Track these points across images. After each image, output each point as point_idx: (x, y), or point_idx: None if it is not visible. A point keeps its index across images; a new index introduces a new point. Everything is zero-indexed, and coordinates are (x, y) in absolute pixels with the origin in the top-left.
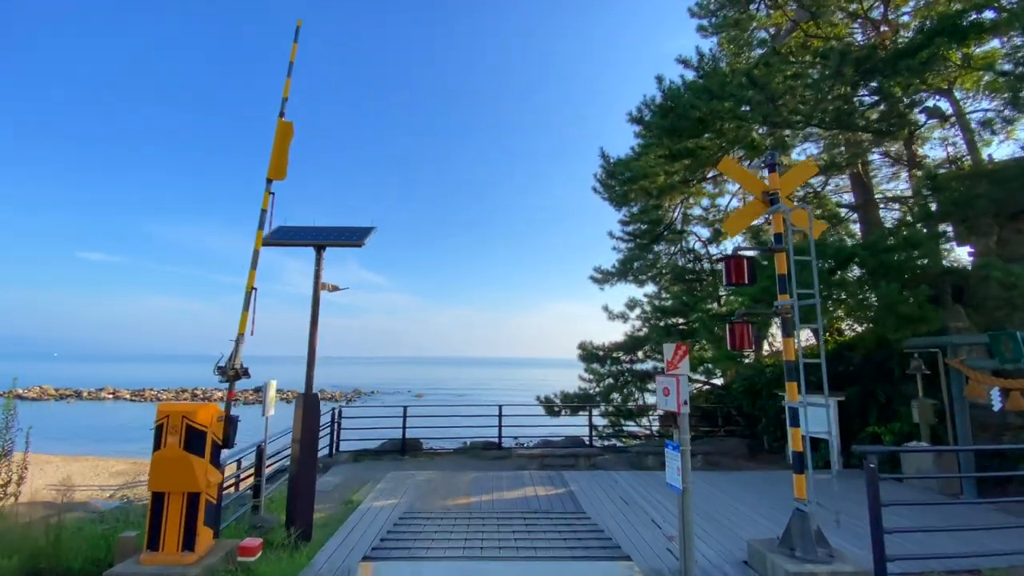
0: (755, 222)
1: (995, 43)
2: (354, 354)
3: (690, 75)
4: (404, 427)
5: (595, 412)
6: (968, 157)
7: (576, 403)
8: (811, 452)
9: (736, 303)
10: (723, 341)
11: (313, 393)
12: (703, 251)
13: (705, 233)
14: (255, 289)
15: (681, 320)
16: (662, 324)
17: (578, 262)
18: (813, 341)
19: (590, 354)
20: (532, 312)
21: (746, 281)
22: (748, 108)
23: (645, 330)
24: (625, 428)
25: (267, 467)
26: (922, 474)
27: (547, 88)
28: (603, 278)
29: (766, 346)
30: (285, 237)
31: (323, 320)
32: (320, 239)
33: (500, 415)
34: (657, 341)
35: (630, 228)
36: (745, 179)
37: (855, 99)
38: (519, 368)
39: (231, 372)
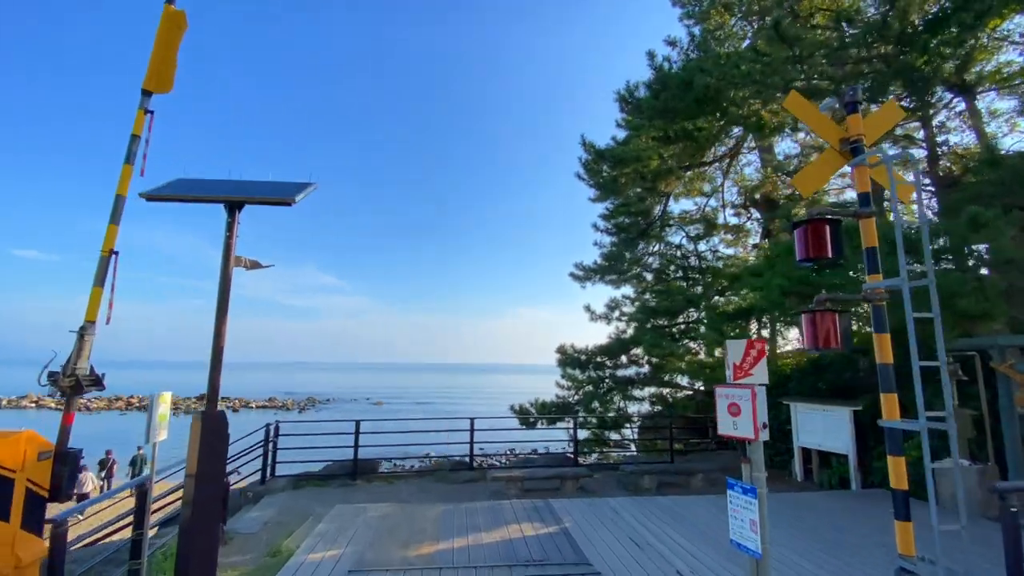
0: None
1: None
2: (311, 359)
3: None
4: (356, 445)
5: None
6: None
7: (554, 413)
8: (820, 468)
9: (753, 298)
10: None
11: (218, 411)
12: (691, 248)
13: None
14: (115, 254)
15: (680, 320)
16: (650, 325)
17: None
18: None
19: (570, 358)
20: (503, 317)
21: (829, 254)
22: (765, 72)
23: (630, 331)
24: (609, 439)
25: (155, 511)
26: (957, 498)
27: (526, 88)
28: (585, 275)
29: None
30: (185, 191)
31: (276, 323)
32: (234, 194)
33: (472, 429)
34: (650, 344)
35: (615, 221)
36: (817, 122)
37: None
38: (490, 374)
39: (67, 381)
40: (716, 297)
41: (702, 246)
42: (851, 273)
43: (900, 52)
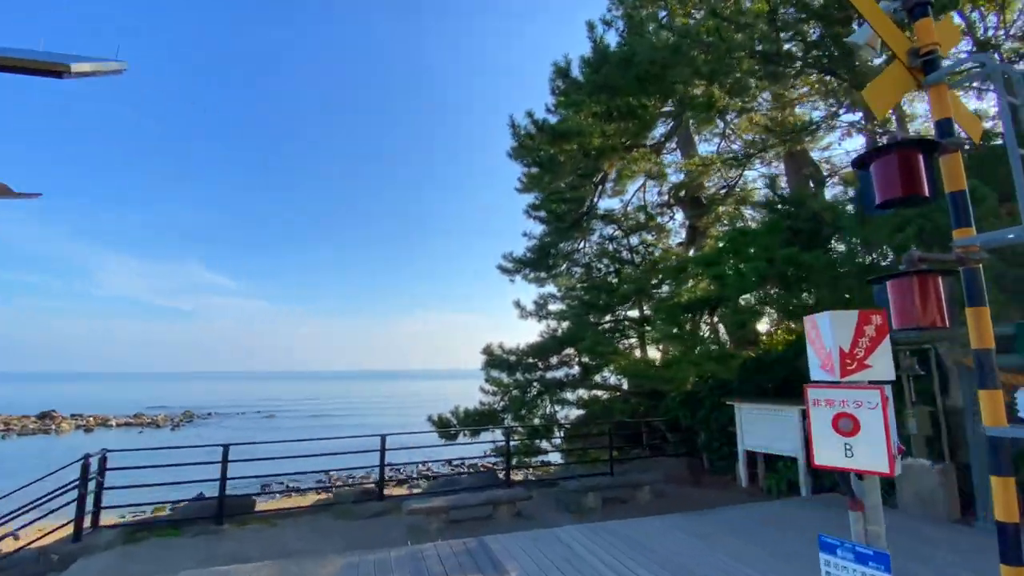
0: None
1: None
2: (195, 369)
3: (613, 37)
4: (224, 476)
5: (501, 432)
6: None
7: (478, 423)
8: (766, 472)
9: (706, 288)
10: (690, 336)
11: None
12: (625, 241)
13: (634, 218)
14: None
15: (615, 316)
16: (591, 319)
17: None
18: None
19: (498, 360)
20: (416, 320)
21: (924, 192)
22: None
23: (563, 329)
24: (541, 448)
25: None
26: (922, 497)
27: (451, 79)
28: (515, 267)
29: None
30: None
31: (154, 327)
32: None
33: (383, 449)
34: (592, 342)
35: (548, 208)
36: (882, 23)
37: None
38: (403, 381)
39: None
40: (663, 288)
41: (634, 239)
42: (855, 244)
43: None
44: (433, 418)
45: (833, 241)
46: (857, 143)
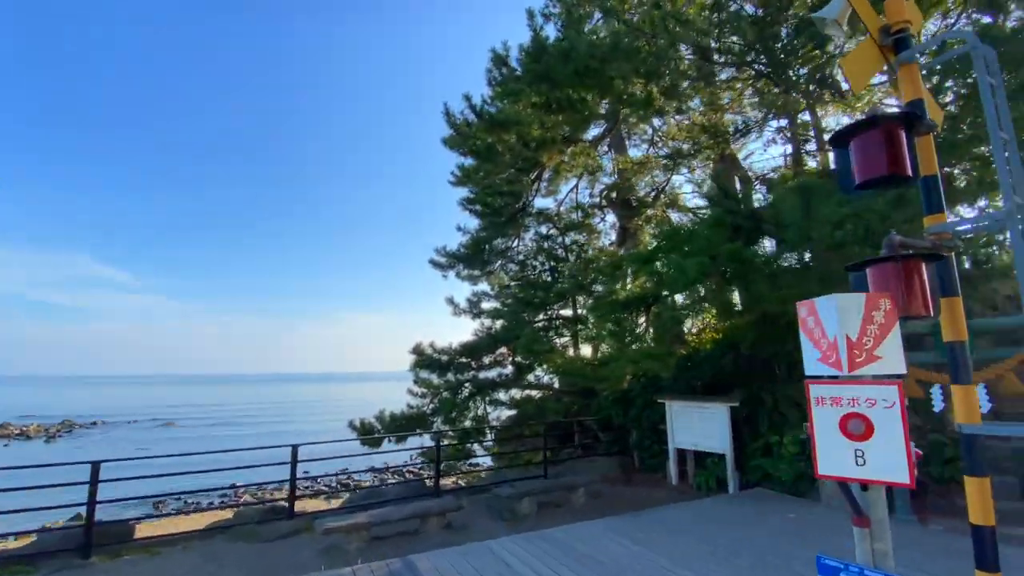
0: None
1: None
2: (78, 371)
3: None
4: (92, 499)
5: (430, 436)
6: None
7: (406, 428)
8: (696, 469)
9: (641, 286)
10: (629, 333)
11: None
12: (560, 239)
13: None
14: None
15: (548, 314)
16: (526, 317)
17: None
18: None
19: (428, 360)
20: (335, 323)
21: (907, 172)
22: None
23: (497, 327)
24: (472, 451)
25: None
26: (838, 495)
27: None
28: (448, 262)
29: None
30: None
31: (31, 325)
32: None
33: (294, 460)
34: (528, 340)
35: (485, 201)
36: (858, 1)
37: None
38: (320, 384)
39: None
40: (598, 287)
41: (569, 239)
42: (797, 241)
43: None
44: (355, 424)
45: (768, 238)
46: (780, 151)
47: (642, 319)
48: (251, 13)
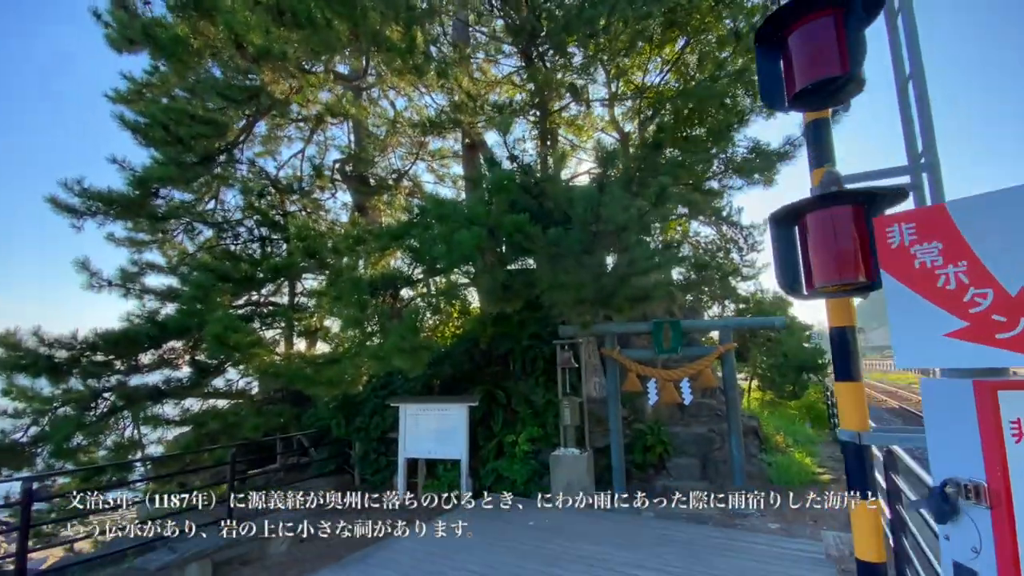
0: None
1: None
2: None
3: None
4: None
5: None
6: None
7: None
8: (427, 479)
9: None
10: (377, 323)
11: None
12: (280, 206)
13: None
14: None
15: (259, 295)
16: (220, 299)
17: None
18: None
19: (29, 360)
20: None
21: (861, 74)
22: None
23: (168, 312)
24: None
25: None
26: (571, 483)
27: None
28: (87, 206)
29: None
30: None
31: None
32: None
33: None
34: (224, 327)
35: (163, 125)
36: None
37: None
38: None
39: None
40: (331, 264)
41: (292, 206)
42: (587, 218)
43: None
44: None
45: (554, 216)
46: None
47: (389, 304)
48: None
